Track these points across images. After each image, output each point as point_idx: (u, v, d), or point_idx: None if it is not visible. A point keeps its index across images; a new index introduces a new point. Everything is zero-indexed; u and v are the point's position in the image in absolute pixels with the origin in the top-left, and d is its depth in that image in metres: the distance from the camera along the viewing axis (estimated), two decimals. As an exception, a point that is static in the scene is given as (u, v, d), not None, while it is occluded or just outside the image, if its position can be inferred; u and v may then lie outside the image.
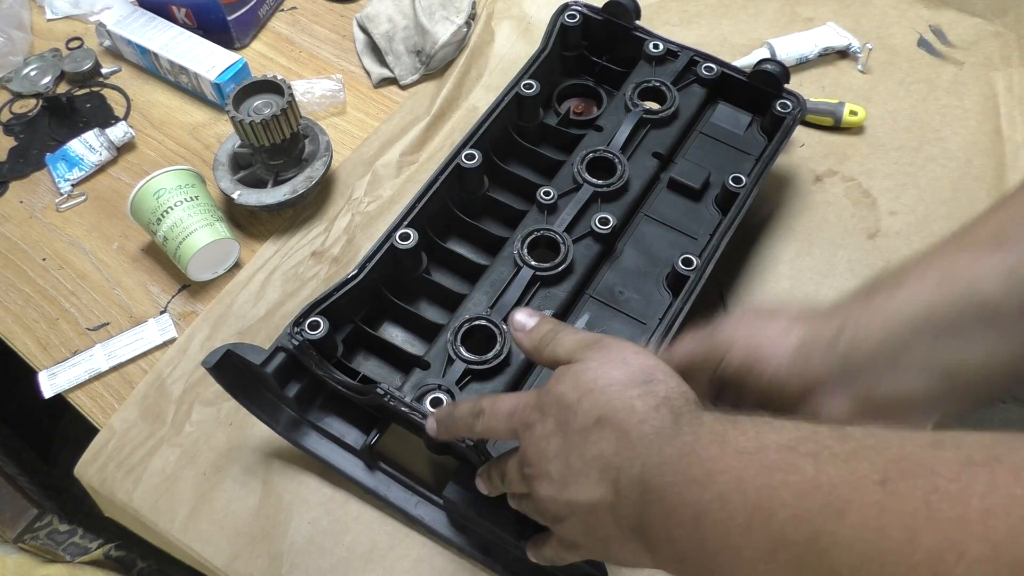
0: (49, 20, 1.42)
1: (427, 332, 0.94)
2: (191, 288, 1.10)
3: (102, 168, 1.23)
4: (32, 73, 1.33)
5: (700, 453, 0.49)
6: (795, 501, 0.41)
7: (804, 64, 1.26)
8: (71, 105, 1.28)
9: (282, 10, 1.43)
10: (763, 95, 1.06)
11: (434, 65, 1.28)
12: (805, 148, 1.17)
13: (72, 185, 1.20)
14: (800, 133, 1.18)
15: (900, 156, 1.16)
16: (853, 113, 1.17)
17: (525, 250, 0.92)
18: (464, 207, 1.02)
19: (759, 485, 0.43)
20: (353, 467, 0.89)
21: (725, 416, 0.51)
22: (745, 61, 1.23)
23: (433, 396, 0.81)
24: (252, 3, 1.34)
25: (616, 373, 0.59)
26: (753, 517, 0.43)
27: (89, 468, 0.96)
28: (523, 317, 0.70)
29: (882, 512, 0.37)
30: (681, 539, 0.48)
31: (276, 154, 1.11)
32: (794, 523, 0.40)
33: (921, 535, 0.34)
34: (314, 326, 0.84)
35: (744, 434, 0.48)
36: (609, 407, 0.56)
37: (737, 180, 0.97)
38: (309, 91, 1.26)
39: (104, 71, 1.34)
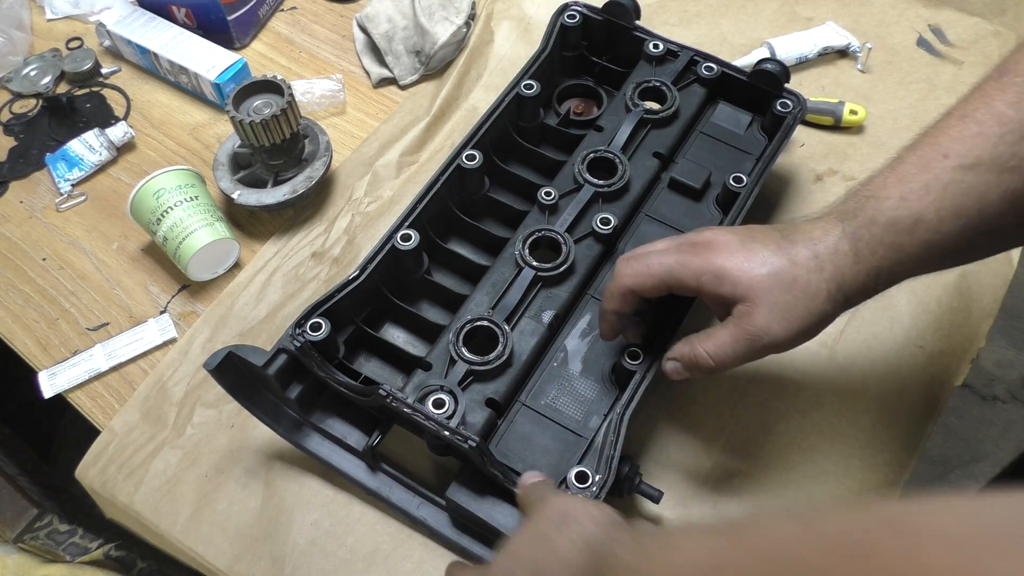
0: (49, 20, 1.42)
1: (429, 333, 0.94)
2: (191, 288, 1.11)
3: (102, 168, 1.23)
4: (32, 73, 1.33)
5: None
6: None
7: (804, 64, 1.26)
8: (71, 105, 1.28)
9: (282, 10, 1.43)
10: (763, 95, 1.06)
11: (433, 65, 1.28)
12: (805, 148, 1.17)
13: (72, 185, 1.20)
14: (800, 133, 1.18)
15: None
16: (853, 112, 1.17)
17: (526, 250, 0.92)
18: (465, 208, 1.02)
19: None
20: (355, 468, 0.89)
21: (637, 546, 0.57)
22: (745, 61, 1.23)
23: (435, 397, 0.81)
24: (252, 3, 1.34)
25: (539, 526, 0.66)
26: None
27: (90, 471, 0.97)
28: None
29: None
30: None
31: (276, 154, 1.11)
32: None
33: None
34: (316, 327, 0.84)
35: (653, 566, 0.53)
36: (537, 562, 0.63)
37: (738, 180, 0.97)
38: (309, 91, 1.26)
39: (104, 71, 1.34)
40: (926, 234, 0.68)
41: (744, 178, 0.97)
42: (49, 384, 1.04)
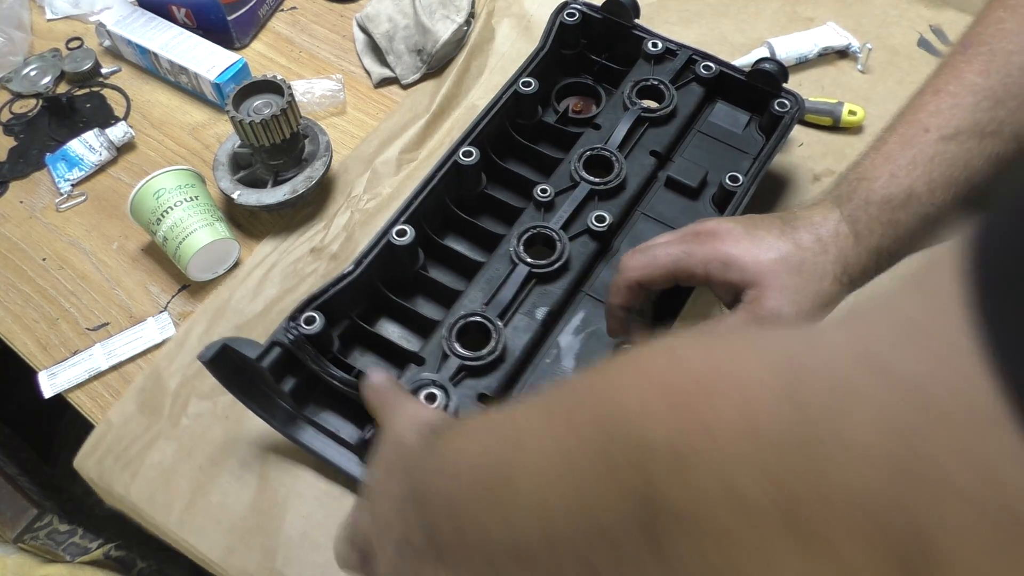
0: (49, 20, 1.42)
1: (423, 328, 0.94)
2: (191, 288, 1.11)
3: (102, 168, 1.23)
4: (32, 73, 1.34)
5: (442, 448, 0.54)
6: (497, 449, 0.46)
7: (804, 64, 1.26)
8: (71, 105, 1.29)
9: (282, 10, 1.43)
10: (761, 94, 1.06)
11: (435, 64, 1.29)
12: (804, 147, 1.17)
13: (72, 185, 1.20)
14: (798, 132, 1.18)
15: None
16: (852, 113, 1.17)
17: (521, 247, 0.92)
18: (461, 204, 1.02)
19: (479, 451, 0.48)
20: (348, 462, 0.89)
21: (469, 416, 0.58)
22: (744, 60, 1.23)
23: (428, 391, 0.81)
24: (252, 3, 1.34)
25: (395, 432, 0.66)
26: (475, 474, 0.47)
27: (87, 460, 0.97)
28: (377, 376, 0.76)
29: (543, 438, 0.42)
30: (449, 533, 0.51)
31: (276, 154, 1.11)
32: (496, 468, 0.45)
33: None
34: (310, 321, 0.84)
35: (475, 419, 0.54)
36: (388, 459, 0.63)
37: (734, 179, 0.97)
38: (309, 91, 1.26)
39: (104, 71, 1.35)
40: (920, 207, 0.69)
41: (741, 177, 0.97)
42: (49, 384, 1.04)
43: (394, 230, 0.92)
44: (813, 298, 0.71)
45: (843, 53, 1.27)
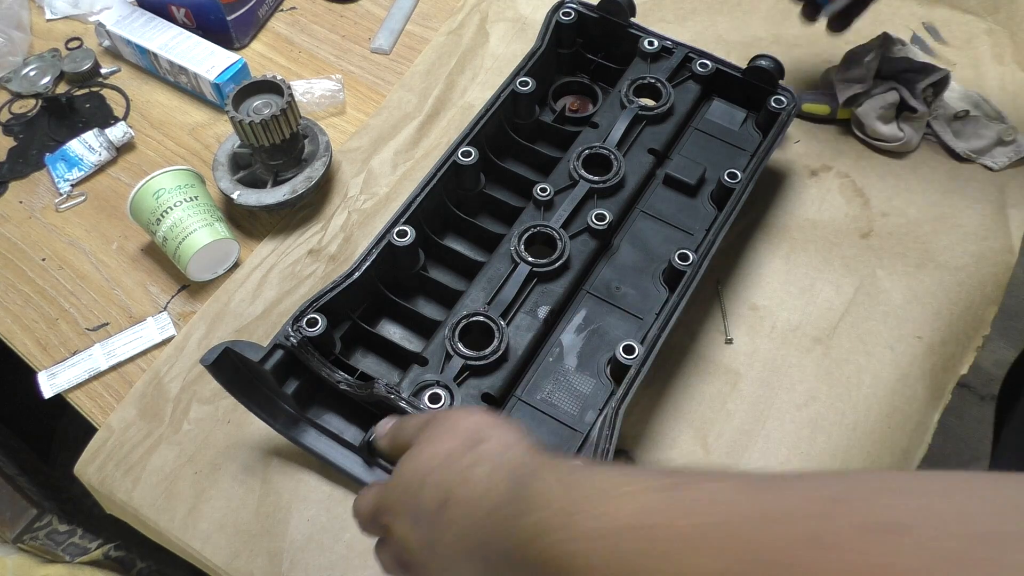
0: (48, 20, 1.42)
1: (425, 329, 0.95)
2: (191, 288, 1.11)
3: (101, 168, 1.23)
4: (31, 73, 1.33)
5: (551, 537, 0.46)
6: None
7: (799, 61, 1.27)
8: (70, 105, 1.28)
9: (282, 10, 1.43)
10: (758, 91, 1.06)
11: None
12: (800, 144, 1.18)
13: (71, 185, 1.21)
14: (795, 129, 1.19)
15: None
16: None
17: (522, 246, 0.92)
18: (461, 204, 1.02)
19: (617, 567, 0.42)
20: (352, 464, 0.89)
21: (567, 486, 0.48)
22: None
23: (431, 392, 0.81)
24: (252, 3, 1.34)
25: (446, 445, 0.58)
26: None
27: (88, 467, 0.97)
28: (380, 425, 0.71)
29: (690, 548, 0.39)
30: None
31: (276, 154, 1.12)
32: None
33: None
34: (312, 323, 0.85)
35: (584, 518, 0.45)
36: (448, 486, 0.55)
37: (732, 176, 0.97)
38: (309, 91, 1.26)
39: (103, 71, 1.35)
40: None
41: (739, 174, 0.97)
42: (49, 384, 1.04)
43: (394, 231, 0.92)
44: None
45: (839, 50, 1.28)
